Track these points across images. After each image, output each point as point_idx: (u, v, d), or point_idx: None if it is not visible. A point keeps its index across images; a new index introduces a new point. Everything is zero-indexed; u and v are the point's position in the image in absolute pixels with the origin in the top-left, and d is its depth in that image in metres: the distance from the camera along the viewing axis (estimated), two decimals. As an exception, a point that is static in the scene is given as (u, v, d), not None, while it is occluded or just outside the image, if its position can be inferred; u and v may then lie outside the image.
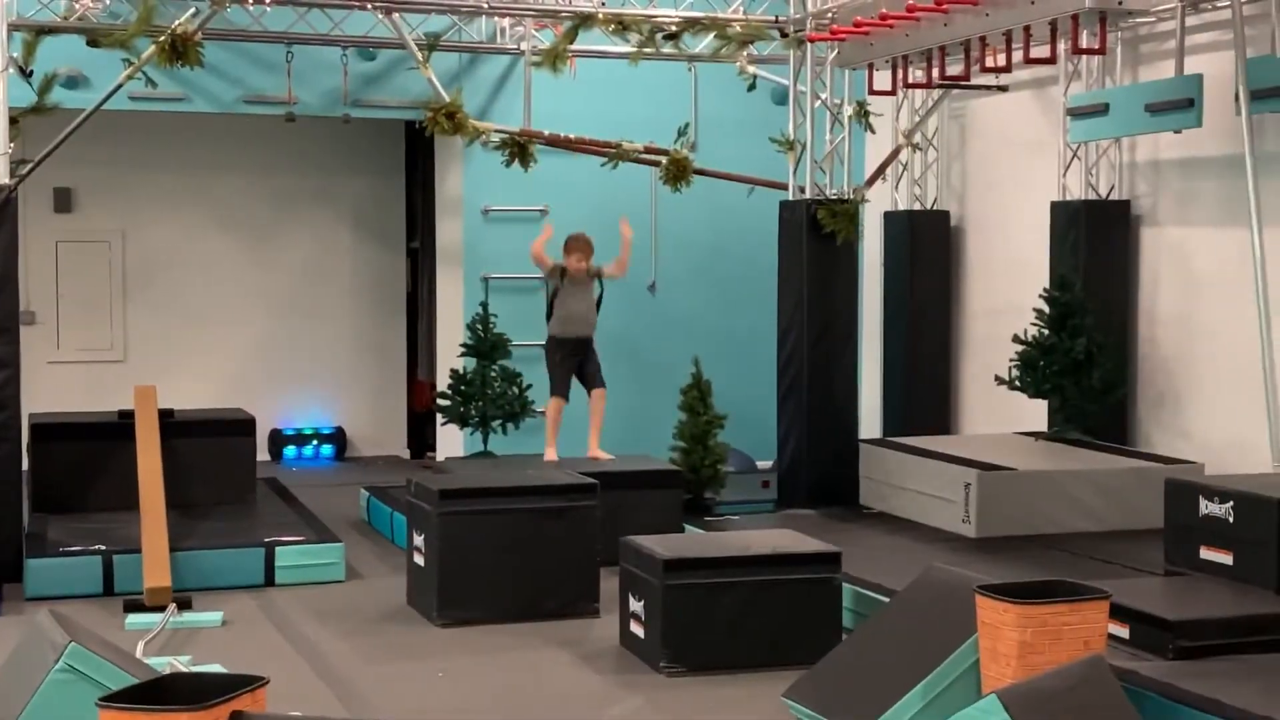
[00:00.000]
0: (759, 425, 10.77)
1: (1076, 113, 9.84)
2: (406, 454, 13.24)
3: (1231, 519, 6.56)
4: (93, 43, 9.83)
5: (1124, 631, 6.03)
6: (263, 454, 12.35)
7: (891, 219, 11.83)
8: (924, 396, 11.53)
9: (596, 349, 9.84)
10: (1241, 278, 9.26)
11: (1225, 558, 6.56)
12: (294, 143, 12.77)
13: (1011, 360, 10.03)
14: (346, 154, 13.22)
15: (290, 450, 13.08)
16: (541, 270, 9.89)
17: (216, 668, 6.13)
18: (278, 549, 8.28)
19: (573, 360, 9.66)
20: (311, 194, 13.23)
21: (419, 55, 10.42)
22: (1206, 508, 6.68)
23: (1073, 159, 10.38)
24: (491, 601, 7.36)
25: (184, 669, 5.81)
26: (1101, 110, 9.59)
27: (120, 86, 9.73)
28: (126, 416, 9.50)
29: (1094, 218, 10.11)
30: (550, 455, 9.55)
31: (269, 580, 8.19)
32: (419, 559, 7.62)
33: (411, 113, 11.37)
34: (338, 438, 13.24)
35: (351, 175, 13.35)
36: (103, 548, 8.16)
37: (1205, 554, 6.67)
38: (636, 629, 6.72)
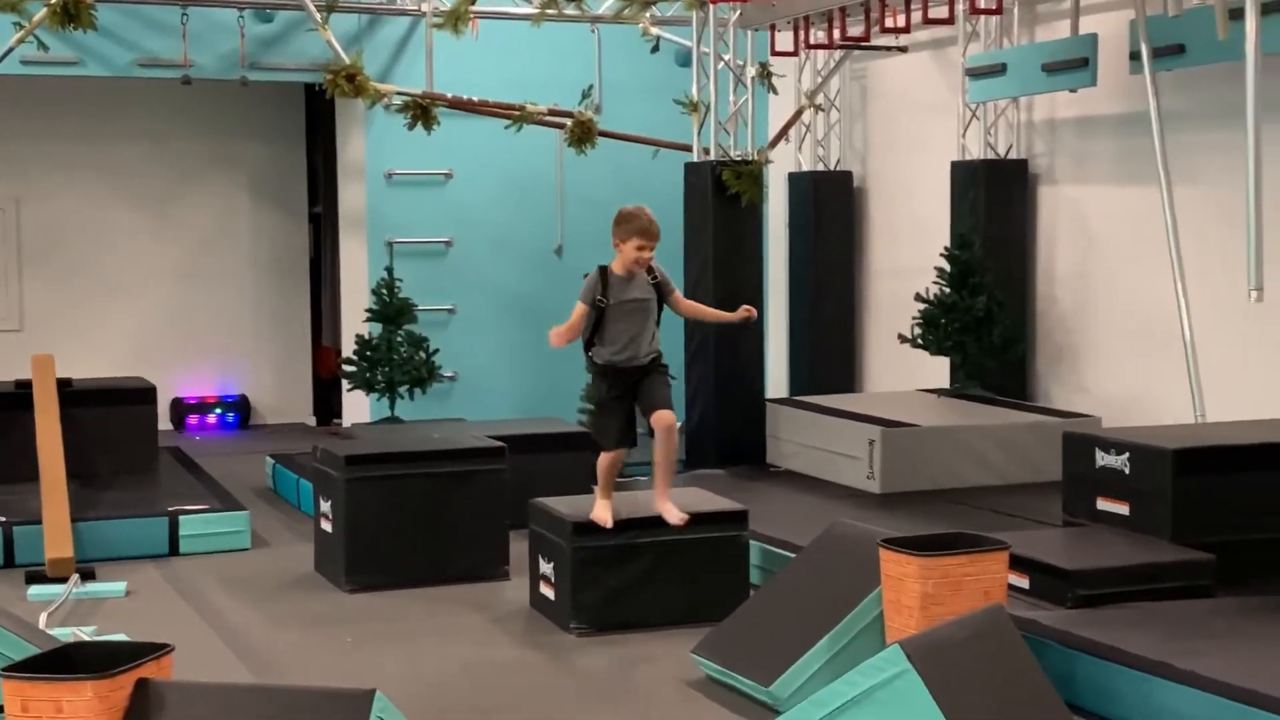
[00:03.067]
0: (666, 387, 10.79)
1: (975, 73, 9.95)
2: (312, 421, 13.13)
3: (1127, 470, 6.71)
4: (-19, 6, 9.60)
5: (1024, 582, 6.15)
6: (165, 424, 12.20)
7: (795, 180, 11.90)
8: (829, 356, 11.64)
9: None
10: (1136, 235, 9.45)
11: (1121, 508, 6.71)
12: (191, 107, 12.56)
13: (914, 319, 10.16)
14: (245, 118, 13.02)
15: (193, 419, 12.92)
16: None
17: (121, 637, 6.06)
18: (181, 518, 8.19)
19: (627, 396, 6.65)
20: (210, 159, 13.02)
21: (317, 17, 10.28)
22: (1103, 460, 6.83)
23: (971, 119, 10.50)
24: (400, 567, 7.34)
25: (88, 639, 5.74)
26: (999, 70, 9.71)
27: (11, 51, 9.51)
28: (24, 386, 9.33)
29: (993, 177, 10.24)
30: (597, 509, 6.57)
31: (173, 550, 8.10)
32: (326, 526, 7.57)
33: (311, 75, 11.22)
34: (241, 406, 13.10)
35: (251, 140, 13.16)
36: (2, 519, 8.02)
37: (1102, 505, 6.82)
38: (546, 591, 6.75)
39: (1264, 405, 8.28)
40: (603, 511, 6.53)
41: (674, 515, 6.52)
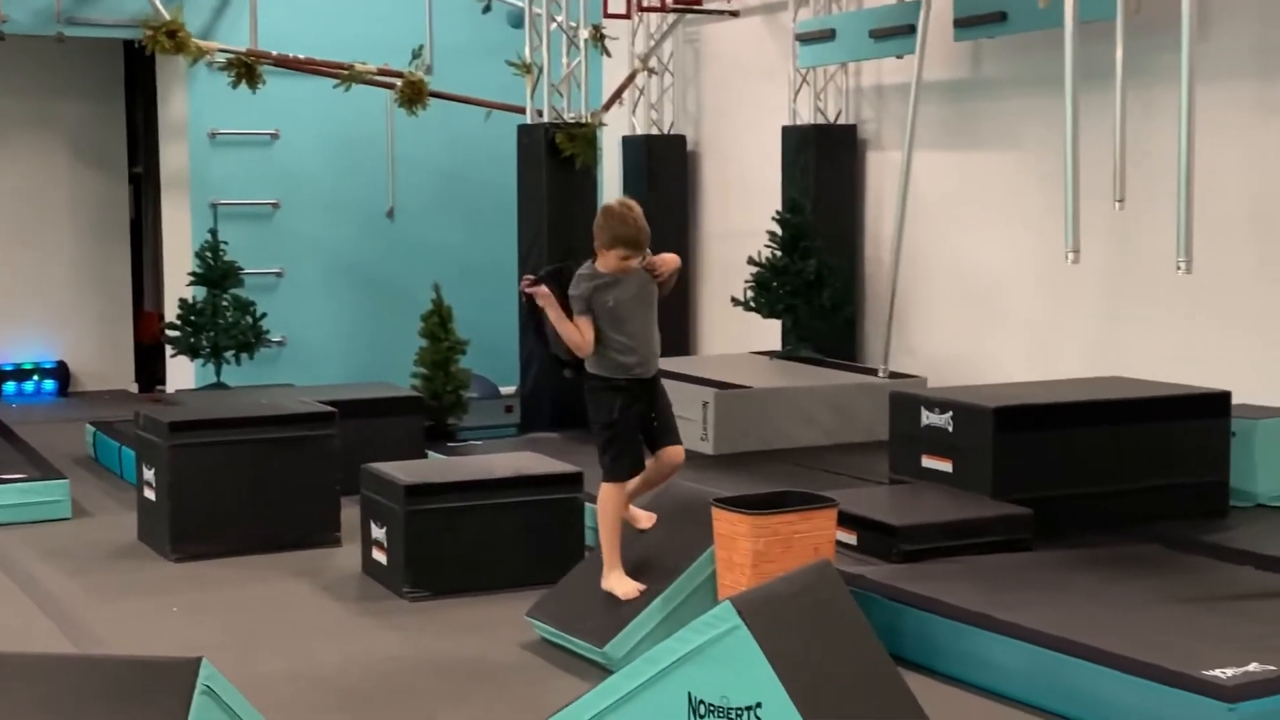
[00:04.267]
0: (501, 351, 10.76)
1: (805, 38, 10.07)
2: (134, 388, 12.80)
3: (951, 428, 6.88)
4: None
5: (852, 538, 6.28)
6: (-21, 391, 11.80)
7: (629, 143, 11.91)
8: (663, 318, 11.60)
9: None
10: (959, 200, 9.67)
11: (945, 465, 6.88)
12: (4, 64, 12.08)
13: (746, 282, 10.26)
14: (62, 76, 12.57)
15: (9, 386, 12.49)
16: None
17: (-67, 613, 5.85)
18: (-3, 488, 7.93)
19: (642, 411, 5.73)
20: (25, 118, 12.55)
21: (137, -30, 9.95)
22: (928, 419, 6.99)
23: (802, 84, 10.62)
24: (228, 535, 7.19)
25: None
26: (828, 36, 9.83)
27: None
28: None
29: (822, 142, 10.38)
30: (619, 584, 5.62)
31: (-11, 521, 7.85)
32: (150, 494, 7.39)
33: (130, 31, 10.87)
34: (60, 372, 12.70)
35: (68, 98, 12.71)
36: None
37: (927, 462, 6.98)
38: (379, 556, 6.68)
39: (1082, 364, 8.56)
40: (628, 583, 5.55)
41: (644, 519, 5.83)
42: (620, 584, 5.59)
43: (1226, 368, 7.66)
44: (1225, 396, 7.06)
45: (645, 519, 5.85)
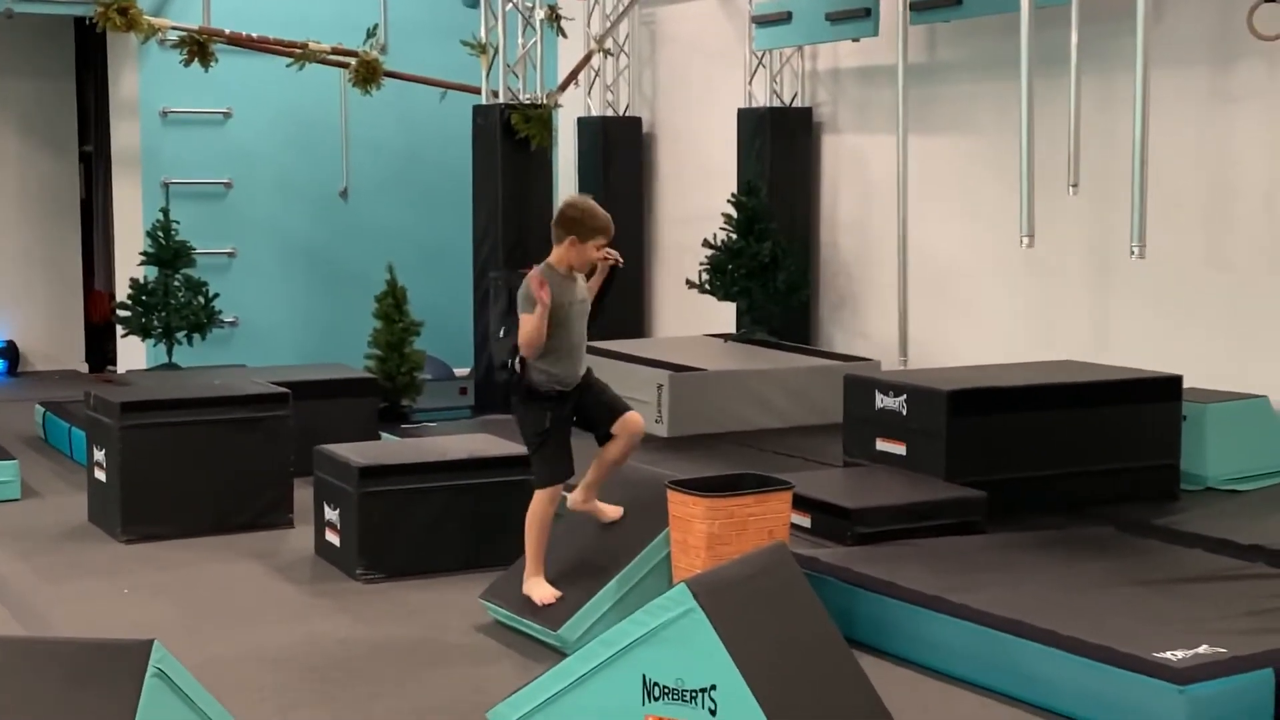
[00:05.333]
0: (456, 332, 10.73)
1: (761, 20, 10.07)
2: (85, 368, 12.68)
3: (904, 412, 6.90)
4: None
5: (806, 521, 6.30)
6: (-74, 371, 11.65)
7: (585, 125, 11.88)
8: (618, 301, 11.61)
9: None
10: (915, 184, 9.69)
11: (899, 448, 6.91)
12: (-49, 39, 11.94)
13: (701, 264, 10.26)
14: (10, 53, 12.40)
15: (-43, 367, 12.36)
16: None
17: (-122, 595, 5.78)
18: (-55, 469, 7.84)
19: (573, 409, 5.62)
20: (-28, 95, 12.41)
21: (87, -54, 9.82)
22: (882, 402, 7.01)
23: (758, 67, 10.62)
24: (180, 516, 7.13)
25: None
26: (785, 19, 9.83)
27: None
28: None
29: (778, 125, 10.39)
30: (537, 589, 5.61)
31: (-64, 502, 7.76)
32: (100, 475, 7.32)
33: (81, 8, 10.74)
34: (9, 352, 12.56)
35: (16, 75, 12.54)
36: None
37: (881, 445, 7.01)
38: (332, 538, 6.65)
39: (1035, 348, 8.61)
40: (546, 589, 5.54)
41: (612, 511, 5.74)
42: (538, 589, 5.55)
43: (1178, 352, 7.73)
44: (1177, 381, 7.12)
45: (612, 512, 5.76)
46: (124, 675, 3.49)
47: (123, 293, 10.64)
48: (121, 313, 10.35)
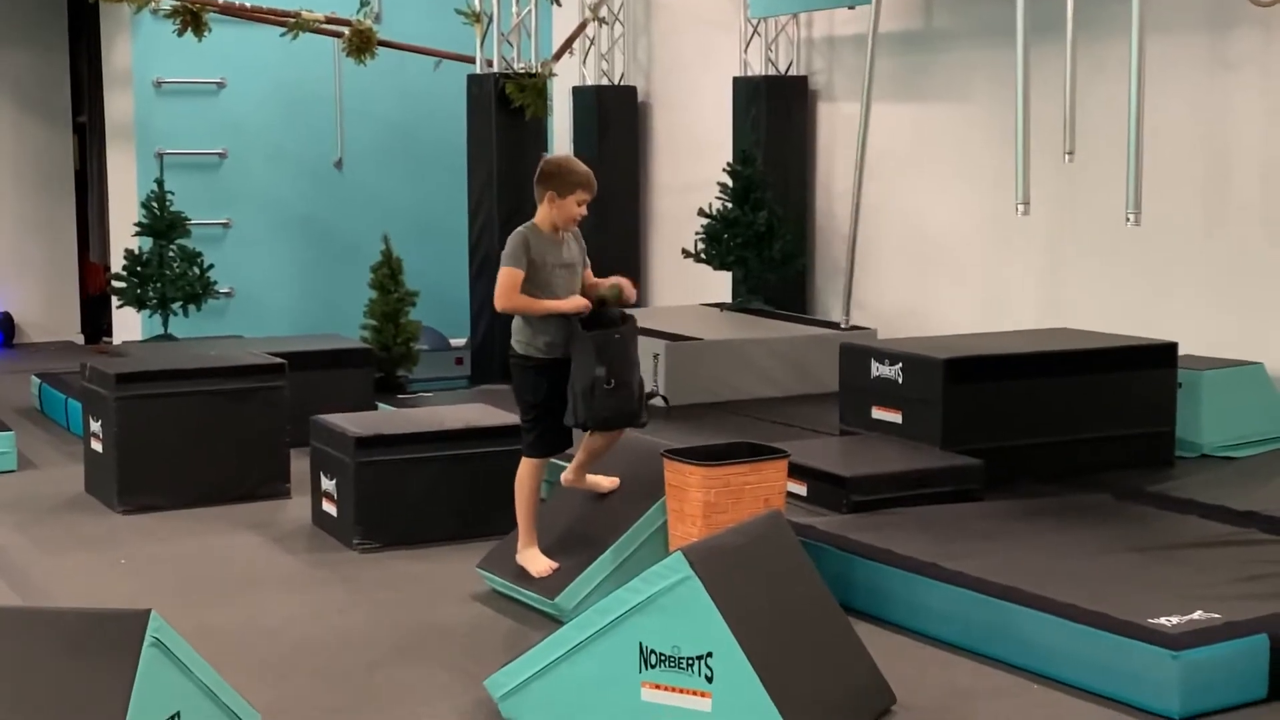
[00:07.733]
0: (452, 303, 10.72)
1: (757, -12, 10.01)
2: (80, 339, 12.67)
3: (900, 380, 6.90)
4: None
5: (802, 489, 6.31)
6: (-79, 343, 11.65)
7: (580, 94, 11.84)
8: (614, 270, 11.55)
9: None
10: (910, 153, 9.68)
11: (895, 416, 6.92)
12: (-58, 9, 11.89)
13: (697, 234, 10.25)
14: (3, 24, 12.36)
15: (-47, 339, 12.36)
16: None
17: (-124, 567, 5.79)
18: (-59, 441, 7.84)
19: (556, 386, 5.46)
20: (-35, 65, 12.36)
21: (79, -85, 9.76)
22: (878, 370, 7.01)
23: (754, 35, 10.58)
24: (176, 487, 7.14)
25: None
26: (781, -14, 9.78)
27: None
28: None
29: (774, 93, 10.36)
30: (533, 562, 5.58)
31: (-68, 474, 7.76)
32: (97, 446, 7.32)
33: (73, -22, 10.71)
34: (4, 324, 12.56)
35: (10, 46, 12.50)
36: None
37: (877, 413, 7.01)
38: (329, 508, 6.65)
39: (1031, 316, 8.62)
40: (542, 561, 5.51)
41: (607, 482, 5.73)
42: (534, 561, 5.51)
43: (1173, 319, 7.73)
44: (1172, 348, 7.13)
45: (608, 483, 5.73)
46: (121, 645, 3.50)
47: (118, 264, 10.63)
48: (117, 284, 10.33)
